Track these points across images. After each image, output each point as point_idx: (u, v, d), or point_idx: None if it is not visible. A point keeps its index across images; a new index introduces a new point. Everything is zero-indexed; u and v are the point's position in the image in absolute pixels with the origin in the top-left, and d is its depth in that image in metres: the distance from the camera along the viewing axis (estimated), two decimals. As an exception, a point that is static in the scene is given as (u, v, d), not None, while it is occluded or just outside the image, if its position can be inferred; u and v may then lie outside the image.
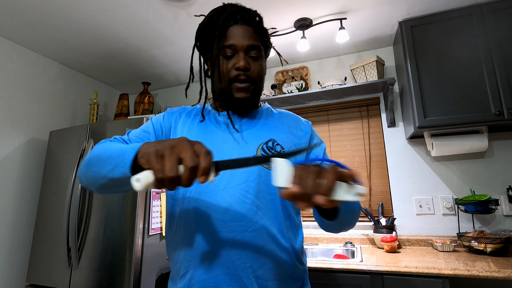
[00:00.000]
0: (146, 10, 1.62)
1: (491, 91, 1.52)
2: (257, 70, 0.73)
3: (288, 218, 0.71)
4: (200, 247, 0.66)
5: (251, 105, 0.78)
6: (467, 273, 1.19)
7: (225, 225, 0.65)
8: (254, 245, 0.65)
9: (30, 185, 1.95)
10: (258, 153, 0.70)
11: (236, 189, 0.67)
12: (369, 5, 1.65)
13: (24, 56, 1.97)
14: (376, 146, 2.02)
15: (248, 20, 0.73)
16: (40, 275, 1.66)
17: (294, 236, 0.72)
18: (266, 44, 0.77)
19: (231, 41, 0.71)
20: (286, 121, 0.81)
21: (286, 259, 0.68)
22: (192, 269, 0.66)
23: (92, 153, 0.64)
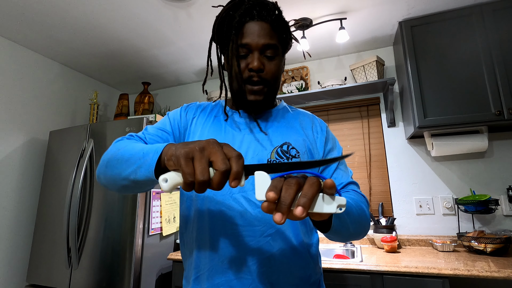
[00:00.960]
0: (146, 10, 1.62)
1: (491, 91, 1.52)
2: (272, 71, 0.70)
3: (303, 223, 0.70)
4: (215, 251, 0.65)
5: (264, 107, 0.76)
6: (467, 273, 1.19)
7: (240, 229, 0.65)
8: (269, 250, 0.64)
9: (30, 185, 1.95)
10: (273, 157, 0.69)
11: (251, 193, 0.66)
12: (369, 5, 1.65)
13: (24, 56, 1.97)
14: (376, 146, 2.02)
15: (265, 16, 0.68)
16: (40, 275, 1.66)
17: (309, 240, 0.71)
18: (284, 41, 0.73)
19: (246, 39, 0.68)
20: (302, 122, 0.78)
21: (301, 264, 0.67)
22: (206, 272, 0.66)
23: (111, 152, 0.62)
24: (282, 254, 0.65)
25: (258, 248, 0.64)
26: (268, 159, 0.69)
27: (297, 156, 0.70)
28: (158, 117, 2.02)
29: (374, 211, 1.93)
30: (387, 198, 1.92)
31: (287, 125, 0.76)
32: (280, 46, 0.72)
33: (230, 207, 0.66)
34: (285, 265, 0.65)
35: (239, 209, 0.65)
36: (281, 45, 0.72)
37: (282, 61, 0.75)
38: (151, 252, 1.59)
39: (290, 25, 0.78)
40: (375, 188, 1.97)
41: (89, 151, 1.68)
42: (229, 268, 0.64)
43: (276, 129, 0.74)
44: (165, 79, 2.54)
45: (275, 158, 0.69)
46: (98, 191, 1.63)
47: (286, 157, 0.69)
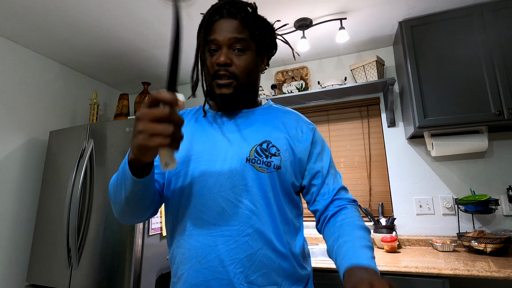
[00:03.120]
0: (146, 10, 1.62)
1: (491, 91, 1.52)
2: (241, 65, 0.70)
3: (286, 223, 0.70)
4: (194, 250, 0.66)
5: (238, 102, 0.75)
6: (467, 273, 1.19)
7: (218, 229, 0.65)
8: (247, 250, 0.64)
9: (30, 185, 1.95)
10: (252, 155, 0.68)
11: (229, 192, 0.66)
12: (369, 5, 1.65)
13: (24, 56, 1.97)
14: (376, 146, 2.02)
15: (234, 14, 0.70)
16: (40, 275, 1.66)
17: (293, 240, 0.71)
18: (258, 37, 0.73)
19: (214, 35, 0.70)
20: (286, 121, 0.77)
21: (282, 265, 0.67)
22: (186, 271, 0.66)
23: (109, 193, 0.68)
24: (262, 254, 0.65)
25: (236, 247, 0.64)
26: (247, 157, 0.68)
27: (277, 154, 0.70)
28: (158, 117, 2.02)
29: (374, 211, 1.93)
30: (387, 198, 1.92)
31: (268, 124, 0.75)
32: (252, 41, 0.72)
33: (208, 207, 0.66)
34: (265, 265, 0.65)
35: (217, 209, 0.66)
36: (254, 41, 0.72)
37: (256, 58, 0.74)
38: (151, 252, 1.59)
39: (276, 27, 0.79)
40: (375, 188, 1.96)
41: (89, 151, 1.68)
42: (206, 268, 0.64)
43: (257, 127, 0.74)
44: (165, 79, 2.54)
45: (254, 156, 0.69)
46: (98, 191, 1.63)
47: (266, 155, 0.69)
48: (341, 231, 0.65)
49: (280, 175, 0.69)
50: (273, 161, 0.69)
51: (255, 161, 0.68)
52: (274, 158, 0.69)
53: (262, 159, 0.68)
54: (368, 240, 0.62)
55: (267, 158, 0.69)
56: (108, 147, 1.67)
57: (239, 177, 0.67)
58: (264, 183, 0.67)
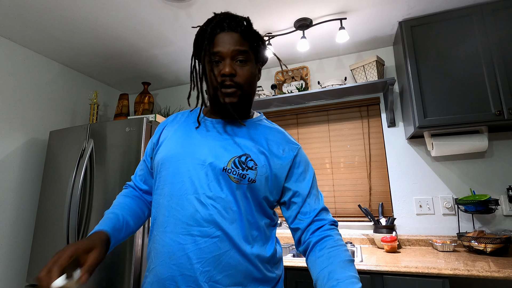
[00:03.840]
0: (146, 10, 1.62)
1: (491, 91, 1.52)
2: (245, 75, 0.74)
3: (256, 229, 0.74)
4: (166, 247, 0.70)
5: (240, 111, 0.80)
6: (467, 273, 1.19)
7: (189, 228, 0.69)
8: (215, 251, 0.68)
9: (30, 185, 1.95)
10: (229, 165, 0.72)
11: (204, 196, 0.70)
12: (369, 5, 1.65)
13: (24, 56, 1.97)
14: (376, 146, 2.02)
15: (234, 27, 0.74)
16: (40, 275, 1.66)
17: (263, 246, 0.75)
18: (256, 49, 0.78)
19: (217, 48, 0.74)
20: (270, 138, 0.80)
21: (249, 268, 0.70)
22: (157, 266, 0.71)
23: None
24: (229, 256, 0.69)
25: (205, 247, 0.68)
26: (224, 167, 0.72)
27: (254, 168, 0.73)
28: (158, 117, 2.02)
29: (374, 211, 1.93)
30: (387, 198, 1.92)
31: (253, 138, 0.78)
32: (252, 53, 0.77)
33: (184, 207, 0.71)
34: (232, 266, 0.69)
35: (190, 210, 0.70)
36: (253, 52, 0.77)
37: (255, 68, 0.79)
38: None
39: (263, 37, 0.84)
40: (375, 188, 1.97)
41: (89, 151, 1.68)
42: (175, 264, 0.68)
43: (240, 139, 0.77)
44: (165, 79, 2.54)
45: (231, 166, 0.72)
46: (98, 191, 1.63)
47: (242, 167, 0.72)
48: (330, 269, 0.65)
49: (253, 189, 0.73)
50: (249, 175, 0.72)
51: (231, 171, 0.72)
52: (250, 171, 0.72)
53: (238, 171, 0.72)
54: (354, 276, 0.63)
55: (243, 170, 0.72)
56: (108, 147, 1.67)
57: (215, 183, 0.71)
58: (236, 193, 0.71)
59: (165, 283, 0.68)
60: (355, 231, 1.92)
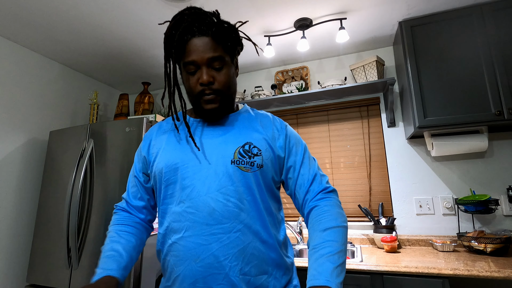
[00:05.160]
0: (146, 10, 1.62)
1: (491, 91, 1.52)
2: (222, 81, 0.75)
3: (270, 215, 0.76)
4: (188, 252, 0.70)
5: (223, 113, 0.80)
6: (467, 273, 1.19)
7: (210, 228, 0.69)
8: (239, 244, 0.69)
9: (30, 185, 1.95)
10: (236, 157, 0.73)
11: (217, 193, 0.71)
12: (369, 5, 1.65)
13: (24, 56, 1.97)
14: (376, 146, 2.02)
15: (205, 31, 0.72)
16: (40, 275, 1.66)
17: (277, 231, 0.77)
18: (231, 48, 0.77)
19: (191, 57, 0.72)
20: (263, 122, 0.82)
21: (271, 254, 0.72)
22: (182, 272, 0.70)
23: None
24: (253, 247, 0.70)
25: (229, 243, 0.69)
26: (232, 159, 0.73)
27: (259, 153, 0.75)
28: (158, 117, 2.02)
29: (374, 211, 1.93)
30: (387, 198, 1.92)
31: (248, 126, 0.80)
32: (227, 54, 0.76)
33: (199, 209, 0.71)
34: (256, 256, 0.70)
35: (207, 210, 0.70)
36: (228, 53, 0.76)
37: (232, 68, 0.79)
38: (151, 252, 1.59)
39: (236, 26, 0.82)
40: (375, 188, 1.96)
41: (89, 151, 1.68)
42: (202, 266, 0.68)
43: (238, 130, 0.79)
44: (165, 79, 2.54)
45: (238, 158, 0.73)
46: (98, 191, 1.63)
47: (248, 155, 0.74)
48: (310, 240, 0.70)
49: (262, 173, 0.75)
50: (256, 161, 0.74)
51: (239, 162, 0.73)
52: (256, 158, 0.74)
53: (245, 160, 0.73)
54: (332, 247, 0.65)
55: (250, 158, 0.74)
56: (108, 147, 1.67)
57: (226, 178, 0.72)
58: (249, 181, 0.73)
59: (196, 285, 0.68)
60: (355, 231, 1.92)
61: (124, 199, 0.88)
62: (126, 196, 0.88)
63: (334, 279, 0.60)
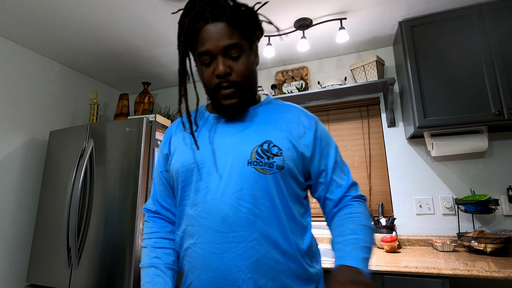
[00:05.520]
0: (146, 10, 1.62)
1: (491, 91, 1.52)
2: (241, 71, 0.67)
3: (292, 221, 0.68)
4: (200, 259, 0.65)
5: (244, 108, 0.73)
6: (467, 273, 1.19)
7: (222, 236, 0.64)
8: (254, 255, 0.63)
9: (30, 185, 1.95)
10: (253, 157, 0.66)
11: (232, 197, 0.64)
12: (369, 5, 1.65)
13: (24, 56, 1.97)
14: (376, 146, 2.02)
15: (219, 16, 0.64)
16: (40, 275, 1.66)
17: (300, 239, 0.68)
18: (249, 33, 0.68)
19: (205, 46, 0.65)
20: (287, 117, 0.74)
21: (291, 266, 0.65)
22: (194, 281, 0.66)
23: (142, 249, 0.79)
24: (270, 257, 0.63)
25: (242, 254, 0.62)
26: (249, 160, 0.66)
27: (279, 153, 0.67)
28: (158, 117, 2.02)
29: (374, 211, 1.93)
30: (387, 198, 1.92)
31: (268, 122, 0.72)
32: (245, 40, 0.68)
33: (212, 214, 0.65)
34: (273, 268, 0.63)
35: (220, 216, 0.64)
36: (246, 39, 0.68)
37: (251, 56, 0.71)
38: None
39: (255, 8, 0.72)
40: (375, 188, 1.96)
41: (89, 151, 1.68)
42: (214, 276, 0.63)
43: (257, 127, 0.71)
44: (165, 79, 2.54)
45: (255, 158, 0.66)
46: (98, 191, 1.63)
47: (267, 156, 0.66)
48: (340, 230, 0.66)
49: (283, 175, 0.67)
50: (276, 162, 0.66)
51: (257, 163, 0.65)
52: (276, 158, 0.66)
53: (263, 161, 0.66)
54: (364, 240, 0.62)
55: (268, 159, 0.66)
56: (108, 147, 1.67)
57: (242, 181, 0.65)
58: (268, 185, 0.65)
59: None
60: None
61: (152, 199, 0.82)
62: (155, 195, 0.82)
63: (364, 265, 0.57)
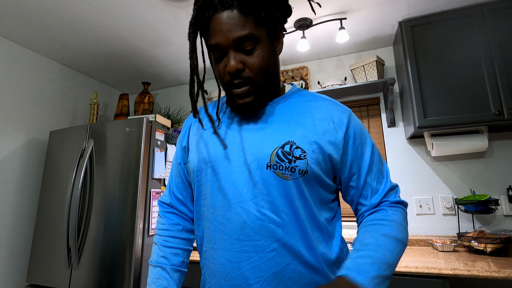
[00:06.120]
0: (146, 10, 1.62)
1: (491, 91, 1.52)
2: (255, 66, 0.60)
3: (318, 229, 0.61)
4: (218, 266, 0.61)
5: (261, 105, 0.66)
6: (467, 273, 1.19)
7: (240, 244, 0.59)
8: (274, 267, 0.57)
9: (30, 185, 1.95)
10: (273, 160, 0.59)
11: (250, 204, 0.59)
12: (369, 5, 1.65)
13: (24, 56, 1.97)
14: (376, 146, 2.02)
15: (229, 3, 0.57)
16: (40, 275, 1.66)
17: (327, 248, 0.61)
18: (266, 19, 0.60)
19: (214, 39, 0.59)
20: (314, 112, 0.65)
21: (315, 278, 0.59)
22: (212, 286, 0.63)
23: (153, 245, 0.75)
24: (292, 270, 0.58)
25: (261, 264, 0.58)
26: (268, 163, 0.59)
27: (302, 156, 0.60)
28: (158, 117, 2.02)
29: (374, 211, 1.93)
30: (387, 198, 1.92)
31: (292, 119, 0.64)
32: (261, 29, 0.60)
33: (230, 220, 0.60)
34: (295, 281, 0.58)
35: (238, 222, 0.59)
36: (263, 26, 0.60)
37: (270, 45, 0.63)
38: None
39: None
40: (375, 188, 1.96)
41: (89, 151, 1.68)
42: (231, 285, 0.59)
43: (278, 125, 0.63)
44: (165, 79, 2.54)
45: (275, 161, 0.59)
46: (98, 191, 1.63)
47: (289, 159, 0.59)
48: (362, 237, 0.59)
49: (307, 180, 0.60)
50: (298, 166, 0.59)
51: (277, 167, 0.59)
52: (299, 162, 0.59)
53: (284, 165, 0.59)
54: (385, 255, 0.54)
55: (290, 163, 0.59)
56: (108, 147, 1.67)
57: (260, 186, 0.59)
58: (289, 191, 0.59)
59: None
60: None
61: (168, 191, 0.77)
62: (171, 187, 0.77)
63: (373, 285, 0.50)
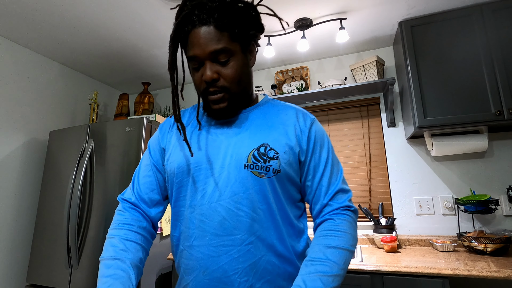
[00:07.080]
0: (146, 10, 1.62)
1: (491, 91, 1.52)
2: (229, 76, 0.66)
3: (289, 225, 0.69)
4: (197, 262, 0.65)
5: (234, 111, 0.72)
6: (467, 273, 1.19)
7: (219, 239, 0.64)
8: (251, 258, 0.63)
9: (30, 185, 1.95)
10: (250, 161, 0.66)
11: (229, 201, 0.65)
12: (369, 5, 1.65)
13: (24, 56, 1.97)
14: (376, 146, 2.02)
15: (206, 20, 0.63)
16: (40, 275, 1.66)
17: (296, 242, 0.69)
18: (240, 35, 0.66)
19: (192, 51, 0.65)
20: (284, 118, 0.73)
21: (288, 269, 0.66)
22: (190, 282, 0.66)
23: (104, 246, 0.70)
24: (266, 261, 0.64)
25: (238, 257, 0.63)
26: (245, 163, 0.66)
27: (275, 157, 0.67)
28: (158, 117, 2.02)
29: (374, 211, 1.93)
30: (387, 198, 1.92)
31: (265, 124, 0.72)
32: (235, 43, 0.66)
33: (209, 217, 0.65)
34: (269, 271, 0.64)
35: (217, 219, 0.64)
36: (237, 41, 0.66)
37: (243, 58, 0.69)
38: (151, 252, 1.59)
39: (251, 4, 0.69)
40: (375, 188, 1.96)
41: (89, 151, 1.68)
42: (210, 279, 0.63)
43: (254, 130, 0.71)
44: (165, 79, 2.54)
45: (252, 161, 0.66)
46: (98, 191, 1.63)
47: (264, 159, 0.66)
48: (312, 250, 0.65)
49: (280, 179, 0.67)
50: (272, 165, 0.66)
51: (253, 166, 0.66)
52: (272, 162, 0.66)
53: (260, 164, 0.66)
54: (331, 268, 0.61)
55: (265, 162, 0.66)
56: (108, 147, 1.67)
57: (238, 184, 0.65)
58: (264, 188, 0.66)
59: None
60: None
61: (132, 190, 0.77)
62: (136, 187, 0.77)
63: None
